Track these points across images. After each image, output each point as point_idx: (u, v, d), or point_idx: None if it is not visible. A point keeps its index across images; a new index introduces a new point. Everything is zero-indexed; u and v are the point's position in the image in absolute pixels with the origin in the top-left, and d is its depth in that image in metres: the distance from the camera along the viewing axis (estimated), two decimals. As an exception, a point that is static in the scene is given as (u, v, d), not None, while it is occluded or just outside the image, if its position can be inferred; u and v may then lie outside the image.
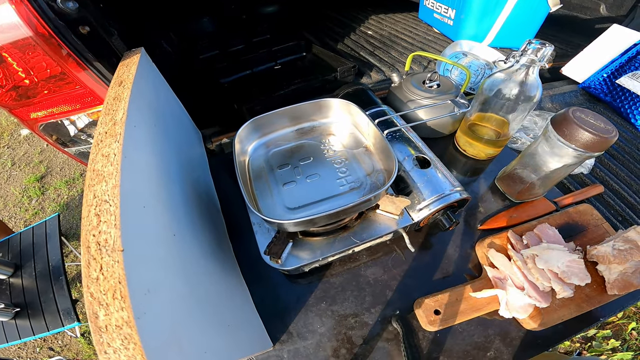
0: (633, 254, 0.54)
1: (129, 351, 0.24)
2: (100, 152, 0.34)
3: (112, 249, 0.27)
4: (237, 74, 1.14)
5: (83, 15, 0.56)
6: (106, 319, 0.25)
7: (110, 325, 0.24)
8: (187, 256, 0.39)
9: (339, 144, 0.64)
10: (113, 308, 0.25)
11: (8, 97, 0.60)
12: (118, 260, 0.26)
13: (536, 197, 0.69)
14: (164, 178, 0.43)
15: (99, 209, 0.29)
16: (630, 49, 0.99)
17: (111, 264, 0.26)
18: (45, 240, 1.24)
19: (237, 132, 0.57)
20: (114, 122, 0.38)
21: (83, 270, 0.27)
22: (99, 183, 0.31)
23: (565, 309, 0.53)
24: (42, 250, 1.21)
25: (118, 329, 0.24)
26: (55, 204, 1.98)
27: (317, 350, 0.51)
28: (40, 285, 1.14)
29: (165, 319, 0.28)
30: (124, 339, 0.24)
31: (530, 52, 0.58)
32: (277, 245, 0.51)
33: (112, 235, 0.27)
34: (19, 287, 1.14)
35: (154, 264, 0.30)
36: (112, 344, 0.24)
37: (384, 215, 0.56)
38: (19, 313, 1.09)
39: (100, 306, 0.25)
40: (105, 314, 0.25)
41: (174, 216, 0.40)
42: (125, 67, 0.52)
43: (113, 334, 0.24)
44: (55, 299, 1.10)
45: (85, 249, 0.27)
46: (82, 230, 0.28)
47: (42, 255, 1.20)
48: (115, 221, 0.28)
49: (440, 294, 0.55)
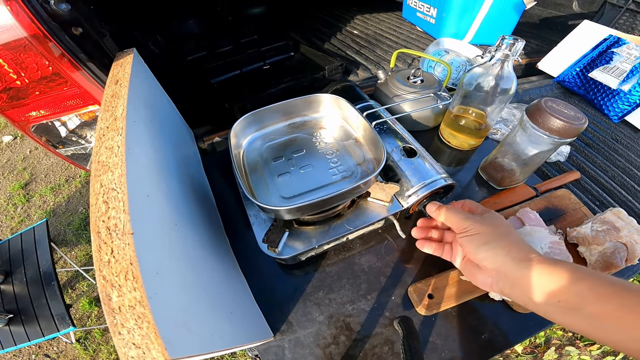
0: (611, 234, 0.57)
1: (142, 330, 0.25)
2: (104, 145, 0.35)
3: (122, 233, 0.28)
4: (227, 74, 1.15)
5: (75, 17, 0.57)
6: (119, 300, 0.26)
7: (123, 306, 0.26)
8: (188, 245, 0.41)
9: (330, 137, 0.67)
10: (126, 289, 0.26)
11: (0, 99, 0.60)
12: (129, 243, 0.28)
13: (517, 184, 0.73)
14: (163, 172, 0.44)
15: (106, 196, 0.31)
16: (601, 43, 1.05)
17: (122, 247, 0.28)
18: (35, 246, 1.22)
19: (232, 126, 0.59)
20: (114, 117, 0.39)
21: (94, 254, 0.28)
22: (104, 173, 0.32)
23: (550, 289, 0.56)
24: (32, 257, 1.20)
25: (131, 309, 0.25)
26: (42, 210, 1.94)
27: (317, 338, 0.53)
28: (32, 291, 1.13)
29: (174, 302, 0.30)
30: (137, 318, 0.25)
31: (504, 47, 0.61)
32: (275, 234, 0.53)
33: (122, 220, 0.29)
34: (11, 293, 1.13)
35: (160, 249, 0.32)
36: (126, 324, 0.25)
37: (375, 202, 0.59)
38: (12, 319, 1.08)
39: (113, 288, 0.26)
40: (118, 295, 0.26)
41: (175, 207, 0.42)
42: (119, 67, 0.53)
43: (127, 314, 0.25)
44: (49, 305, 1.10)
45: (96, 234, 0.29)
46: (91, 217, 0.30)
47: (32, 261, 1.19)
48: (124, 207, 0.29)
49: (432, 279, 0.57)
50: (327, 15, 1.78)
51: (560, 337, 1.31)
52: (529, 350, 1.29)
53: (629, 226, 0.57)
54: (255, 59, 1.22)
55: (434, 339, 0.53)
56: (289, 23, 1.67)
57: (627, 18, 1.18)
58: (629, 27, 1.18)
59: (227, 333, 0.40)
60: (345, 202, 0.56)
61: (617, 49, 1.00)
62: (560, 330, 1.32)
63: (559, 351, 1.26)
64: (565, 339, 1.31)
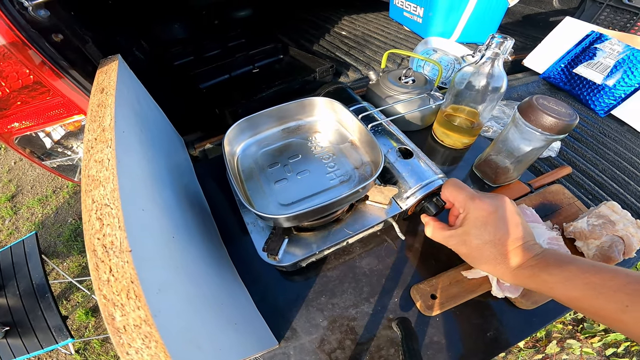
0: (607, 228, 0.58)
1: (150, 350, 0.24)
2: (93, 158, 0.34)
3: (119, 250, 0.27)
4: (215, 78, 1.13)
5: (55, 23, 0.55)
6: (123, 319, 0.25)
7: (128, 326, 0.24)
8: (188, 258, 0.39)
9: (326, 141, 0.66)
10: (129, 308, 0.25)
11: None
12: (127, 261, 0.26)
13: (512, 181, 0.74)
14: (157, 183, 0.43)
15: (100, 212, 0.29)
16: (584, 39, 1.07)
17: (120, 265, 0.26)
18: (26, 259, 1.20)
19: (226, 133, 0.57)
20: (102, 128, 0.37)
21: (92, 273, 0.27)
22: (96, 188, 0.31)
23: (553, 287, 0.57)
24: (24, 269, 1.18)
25: (137, 328, 0.24)
26: (30, 223, 1.88)
27: (322, 343, 0.52)
28: (27, 304, 1.11)
29: (179, 318, 0.29)
30: (144, 337, 0.24)
31: (494, 46, 0.62)
32: (274, 241, 0.52)
33: (118, 237, 0.27)
34: (5, 306, 1.11)
35: (159, 264, 0.31)
36: (133, 344, 0.24)
37: (373, 205, 0.58)
38: (9, 332, 1.06)
39: (116, 307, 0.25)
40: (122, 315, 0.25)
41: (171, 219, 0.40)
42: (104, 74, 0.51)
43: (133, 334, 0.24)
44: (45, 317, 1.08)
45: (92, 252, 0.27)
46: (85, 235, 0.28)
47: (24, 274, 1.17)
48: (119, 223, 0.28)
49: (434, 279, 0.57)
50: (314, 17, 1.78)
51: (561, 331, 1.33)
52: (531, 345, 1.30)
53: (623, 219, 0.58)
54: (244, 63, 1.21)
55: (439, 339, 0.52)
56: (275, 25, 1.66)
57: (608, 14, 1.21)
58: (610, 23, 1.21)
59: (233, 345, 0.39)
60: (343, 207, 0.55)
61: (600, 45, 1.03)
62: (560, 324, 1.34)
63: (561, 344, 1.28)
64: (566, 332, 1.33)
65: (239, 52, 1.25)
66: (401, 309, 0.55)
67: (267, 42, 1.29)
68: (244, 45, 1.31)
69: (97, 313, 1.52)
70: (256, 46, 1.27)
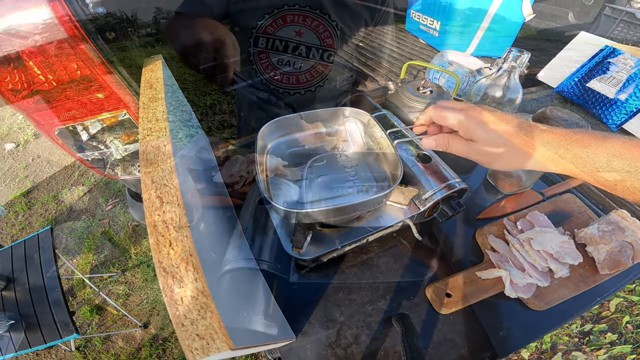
0: (616, 233, 0.60)
1: (205, 320, 0.25)
2: (150, 144, 0.37)
3: (179, 226, 0.30)
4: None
5: (109, 21, 0.60)
6: (181, 291, 0.27)
7: (185, 297, 0.26)
8: (223, 240, 0.42)
9: (351, 149, 0.70)
10: (187, 279, 0.27)
11: (28, 101, 0.62)
12: (186, 235, 0.29)
13: (524, 189, 0.76)
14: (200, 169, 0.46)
15: (159, 191, 0.32)
16: (598, 54, 1.10)
17: (180, 239, 0.29)
18: (39, 252, 1.21)
19: (260, 130, 0.61)
20: (156, 119, 0.41)
21: (152, 247, 0.30)
22: (154, 170, 0.34)
23: (564, 289, 0.58)
24: (36, 263, 1.19)
25: (194, 299, 0.26)
26: (43, 219, 1.93)
27: (339, 338, 0.54)
28: (35, 298, 1.12)
29: (228, 293, 0.31)
30: (200, 308, 0.26)
31: (510, 59, 0.65)
32: (299, 236, 0.55)
33: (178, 214, 0.31)
34: (12, 299, 1.12)
35: (210, 242, 0.34)
36: (189, 315, 0.25)
37: (393, 205, 0.61)
38: (13, 325, 1.06)
39: (174, 279, 0.27)
40: (180, 286, 0.27)
41: (211, 205, 0.44)
42: (151, 72, 0.55)
43: (189, 305, 0.26)
44: (52, 311, 1.09)
45: (152, 228, 0.30)
46: (146, 211, 0.32)
47: (36, 267, 1.18)
48: (178, 201, 0.31)
49: (449, 278, 0.59)
50: (332, 28, 1.83)
51: (567, 343, 1.32)
52: (536, 357, 1.29)
53: (632, 226, 0.60)
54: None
55: (453, 336, 0.54)
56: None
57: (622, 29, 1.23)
58: (624, 38, 1.23)
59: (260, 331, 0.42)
60: (359, 212, 0.58)
61: (613, 59, 1.05)
62: (566, 336, 1.33)
63: (566, 357, 1.27)
64: (571, 344, 1.32)
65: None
66: (416, 307, 0.57)
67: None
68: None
69: (102, 311, 1.54)
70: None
